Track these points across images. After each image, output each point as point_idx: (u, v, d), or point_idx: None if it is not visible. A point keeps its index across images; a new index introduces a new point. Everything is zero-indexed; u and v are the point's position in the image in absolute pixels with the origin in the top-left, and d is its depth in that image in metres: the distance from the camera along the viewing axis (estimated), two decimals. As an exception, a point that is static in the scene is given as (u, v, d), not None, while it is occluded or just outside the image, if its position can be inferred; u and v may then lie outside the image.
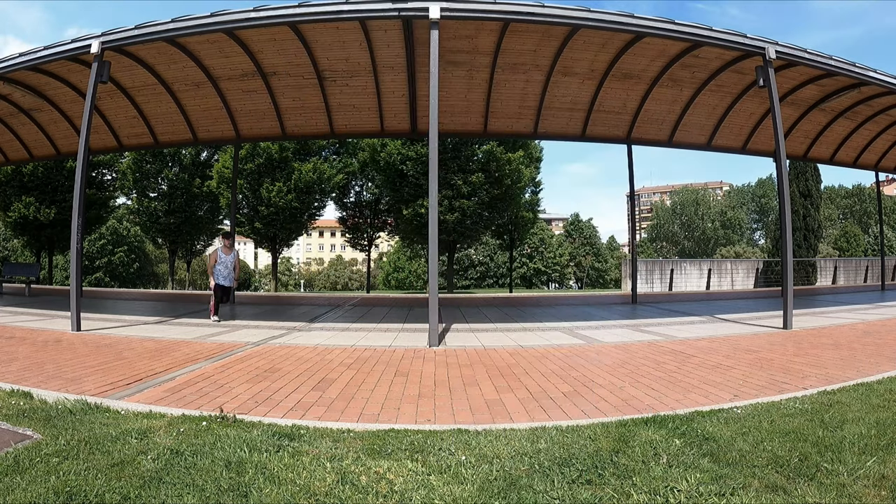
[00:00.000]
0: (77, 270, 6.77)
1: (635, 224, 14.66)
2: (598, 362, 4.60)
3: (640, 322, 7.80)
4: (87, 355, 4.75)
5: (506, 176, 23.55)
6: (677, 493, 1.94)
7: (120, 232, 45.08)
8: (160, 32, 6.74)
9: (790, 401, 3.20)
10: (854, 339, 5.75)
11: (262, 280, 52.16)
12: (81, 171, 6.75)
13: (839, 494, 1.91)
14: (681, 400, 3.34)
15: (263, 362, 4.57)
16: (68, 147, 11.57)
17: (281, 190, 24.04)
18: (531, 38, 8.13)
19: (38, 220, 22.40)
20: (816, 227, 25.31)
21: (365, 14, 6.54)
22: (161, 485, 1.98)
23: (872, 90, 9.26)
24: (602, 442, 2.50)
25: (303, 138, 16.99)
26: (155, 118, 10.54)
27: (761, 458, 2.26)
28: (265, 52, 8.50)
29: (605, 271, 59.99)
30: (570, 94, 9.80)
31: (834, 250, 39.42)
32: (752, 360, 4.61)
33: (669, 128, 10.81)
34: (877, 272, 21.75)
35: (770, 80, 6.99)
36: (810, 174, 25.06)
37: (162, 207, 26.82)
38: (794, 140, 11.79)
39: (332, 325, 7.38)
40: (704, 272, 21.37)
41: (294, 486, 2.01)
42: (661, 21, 6.76)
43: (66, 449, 2.31)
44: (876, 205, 21.31)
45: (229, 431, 2.62)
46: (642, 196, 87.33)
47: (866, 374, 3.92)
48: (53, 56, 7.19)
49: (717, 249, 56.73)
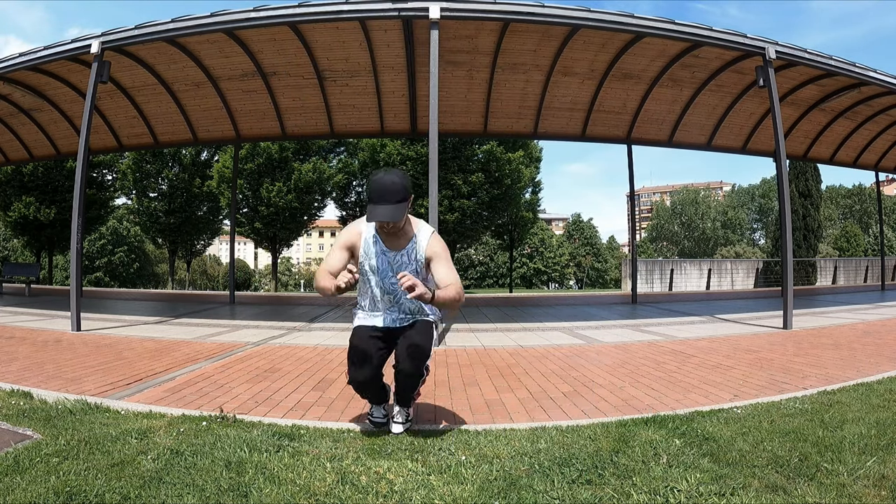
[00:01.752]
0: (77, 270, 6.77)
1: (635, 224, 14.66)
2: (598, 362, 4.60)
3: (641, 322, 7.80)
4: (87, 355, 4.75)
5: (506, 176, 23.57)
6: (677, 493, 1.94)
7: (120, 232, 45.10)
8: (160, 32, 6.74)
9: (790, 401, 3.20)
10: (854, 339, 5.75)
11: (262, 280, 52.16)
12: (81, 171, 6.74)
13: (839, 494, 1.91)
14: (681, 400, 3.34)
15: (263, 362, 4.57)
16: (68, 147, 11.56)
17: (281, 190, 24.07)
18: (531, 38, 8.13)
19: (38, 220, 22.42)
20: (816, 227, 25.33)
21: (365, 14, 6.55)
22: (161, 485, 1.98)
23: (872, 90, 9.26)
24: (602, 442, 2.50)
25: (303, 138, 16.99)
26: (155, 118, 10.53)
27: (761, 458, 2.26)
28: (265, 52, 8.50)
29: (605, 271, 60.02)
30: (570, 94, 9.79)
31: (834, 250, 39.43)
32: (752, 360, 4.61)
33: (669, 128, 10.81)
34: (877, 272, 21.75)
35: (770, 80, 6.99)
36: (810, 174, 25.08)
37: (162, 207, 26.83)
38: (794, 140, 11.79)
39: (332, 325, 7.38)
40: (704, 272, 21.38)
41: (294, 486, 2.01)
42: (661, 21, 6.76)
43: (66, 449, 2.31)
44: (876, 205, 21.30)
45: (229, 431, 2.62)
46: (642, 196, 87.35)
47: (866, 374, 3.92)
48: (53, 56, 7.19)
49: (717, 249, 56.75)
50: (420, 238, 2.56)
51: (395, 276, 2.45)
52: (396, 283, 2.42)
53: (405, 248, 2.54)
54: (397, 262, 2.55)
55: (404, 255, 2.55)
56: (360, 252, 2.56)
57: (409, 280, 2.19)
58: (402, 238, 2.54)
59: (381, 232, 2.53)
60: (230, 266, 12.16)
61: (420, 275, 2.51)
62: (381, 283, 2.57)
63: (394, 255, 2.55)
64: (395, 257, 2.55)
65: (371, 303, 2.65)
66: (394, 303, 2.62)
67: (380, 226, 2.48)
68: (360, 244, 2.56)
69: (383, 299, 2.61)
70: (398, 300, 2.60)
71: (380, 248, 2.55)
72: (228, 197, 23.30)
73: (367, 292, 2.64)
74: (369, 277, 2.58)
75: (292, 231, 26.60)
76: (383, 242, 2.55)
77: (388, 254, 2.55)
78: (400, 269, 2.49)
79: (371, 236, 2.55)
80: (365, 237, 2.56)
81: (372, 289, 2.60)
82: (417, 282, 2.21)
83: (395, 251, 2.55)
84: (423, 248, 2.55)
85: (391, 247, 2.55)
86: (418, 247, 2.55)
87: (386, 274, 2.55)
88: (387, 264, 2.55)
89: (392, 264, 2.55)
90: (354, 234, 2.58)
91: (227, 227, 29.18)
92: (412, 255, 2.55)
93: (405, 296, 2.43)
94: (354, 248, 2.57)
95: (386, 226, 2.44)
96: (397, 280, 2.32)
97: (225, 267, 53.13)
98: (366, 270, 2.58)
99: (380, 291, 2.59)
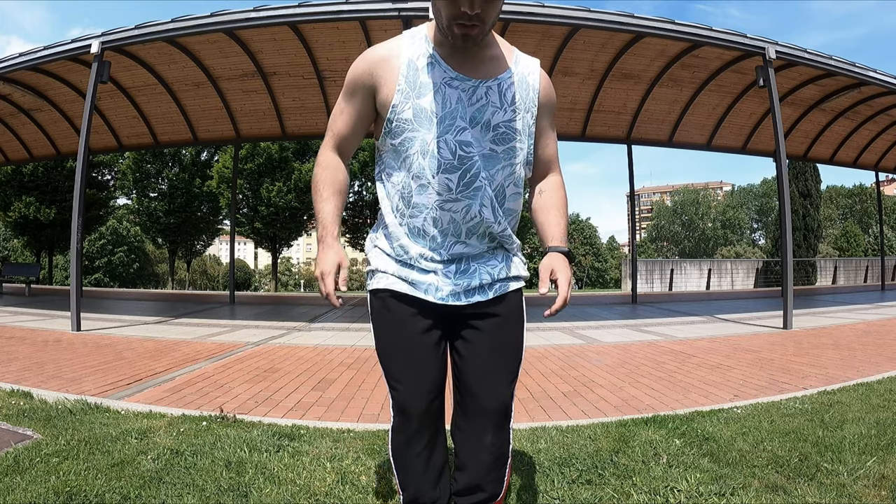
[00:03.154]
0: (77, 270, 6.77)
1: (635, 224, 14.68)
2: (598, 362, 4.60)
3: (640, 322, 7.80)
4: (87, 355, 4.75)
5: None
6: (677, 493, 1.94)
7: (120, 232, 45.08)
8: (160, 32, 6.74)
9: (790, 401, 3.20)
10: (854, 339, 5.74)
11: (262, 280, 52.17)
12: (81, 171, 6.74)
13: (839, 494, 1.91)
14: (681, 400, 3.34)
15: (263, 362, 4.57)
16: (68, 147, 11.57)
17: (281, 190, 24.07)
18: (531, 38, 8.13)
19: (38, 220, 22.42)
20: (816, 226, 25.34)
21: (365, 14, 6.55)
22: (161, 485, 1.98)
23: (872, 90, 9.26)
24: (602, 442, 2.50)
25: (303, 138, 17.00)
26: (155, 118, 10.53)
27: (761, 458, 2.26)
28: (265, 52, 8.50)
29: (605, 271, 59.97)
30: (570, 94, 9.80)
31: (834, 250, 39.44)
32: (752, 360, 4.61)
33: (669, 128, 10.81)
34: (877, 272, 21.75)
35: (770, 80, 6.99)
36: (810, 174, 25.09)
37: (162, 207, 26.82)
38: (794, 140, 11.79)
39: (332, 325, 7.38)
40: (704, 272, 21.38)
41: (294, 486, 2.01)
42: (661, 21, 6.76)
43: (66, 449, 2.31)
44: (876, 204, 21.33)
45: (229, 431, 2.62)
46: (642, 196, 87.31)
47: (866, 374, 3.92)
48: (53, 56, 7.19)
49: (718, 249, 56.74)
50: (523, 66, 1.30)
51: (475, 129, 1.22)
52: (477, 144, 1.22)
53: (496, 76, 1.25)
54: (479, 102, 1.23)
55: (493, 92, 1.24)
56: (391, 90, 1.22)
57: (558, 305, 1.27)
58: (487, 57, 1.25)
59: (454, 33, 1.15)
60: (230, 266, 12.16)
61: (521, 142, 1.28)
62: (446, 148, 1.20)
63: (472, 86, 1.22)
64: (473, 92, 1.22)
65: (408, 212, 1.27)
66: (462, 211, 1.24)
67: (452, 14, 1.12)
68: (390, 75, 1.23)
69: (442, 195, 1.23)
70: (474, 195, 1.23)
71: (442, 72, 1.22)
72: (228, 197, 23.30)
73: (402, 183, 1.26)
74: (412, 138, 1.22)
75: (292, 231, 26.62)
76: (448, 62, 1.22)
77: (462, 83, 1.22)
78: (478, 118, 1.22)
79: (424, 53, 1.23)
80: (408, 58, 1.23)
81: (416, 168, 1.23)
82: (566, 297, 1.27)
83: (474, 80, 1.22)
84: (537, 87, 1.30)
85: (468, 71, 1.23)
86: (526, 81, 1.29)
87: (453, 124, 1.21)
88: (456, 104, 1.21)
89: (469, 106, 1.22)
90: (378, 59, 1.25)
91: (227, 227, 29.19)
92: (510, 95, 1.25)
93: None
94: (377, 85, 1.24)
95: (469, 12, 1.10)
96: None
97: (225, 267, 53.15)
98: (405, 123, 1.22)
99: (436, 168, 1.21)
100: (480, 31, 1.15)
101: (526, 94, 1.28)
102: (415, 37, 1.27)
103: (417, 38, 1.27)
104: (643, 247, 62.16)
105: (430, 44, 1.24)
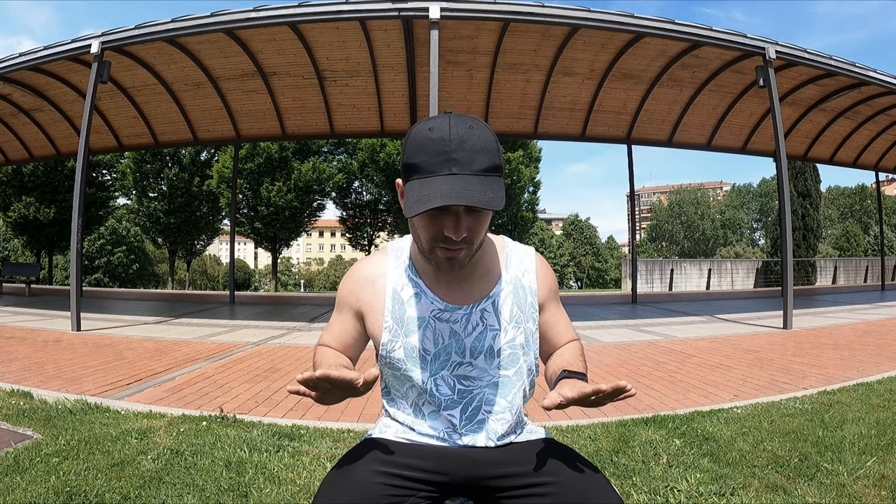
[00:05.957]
0: (77, 270, 6.77)
1: (635, 224, 14.69)
2: (597, 362, 4.60)
3: (640, 322, 7.80)
4: (87, 355, 4.75)
5: (505, 176, 23.59)
6: (677, 493, 1.94)
7: (120, 232, 45.06)
8: (160, 32, 6.74)
9: (790, 401, 3.20)
10: (854, 339, 5.75)
11: (262, 280, 52.17)
12: (81, 171, 6.74)
13: (839, 494, 1.91)
14: (681, 400, 3.34)
15: (263, 362, 4.57)
16: (68, 147, 11.57)
17: (281, 190, 24.06)
18: (531, 38, 8.13)
19: (38, 220, 22.42)
20: (816, 226, 25.32)
21: (365, 14, 6.56)
22: (161, 485, 1.98)
23: (872, 90, 9.26)
24: (602, 442, 2.50)
25: (303, 138, 16.99)
26: (155, 118, 10.53)
27: (761, 458, 2.26)
28: (265, 52, 8.50)
29: (605, 271, 59.96)
30: (570, 94, 9.80)
31: (834, 250, 39.44)
32: (752, 360, 4.61)
33: (669, 128, 10.82)
34: (877, 272, 21.74)
35: (770, 80, 6.99)
36: (809, 174, 25.06)
37: (162, 207, 26.81)
38: (794, 140, 11.79)
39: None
40: (704, 272, 21.38)
41: (294, 486, 2.01)
42: (661, 21, 6.76)
43: (66, 449, 2.31)
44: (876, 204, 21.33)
45: (229, 431, 2.62)
46: (642, 196, 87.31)
47: (866, 374, 3.92)
48: (53, 56, 7.19)
49: (717, 249, 56.75)
50: (515, 267, 1.17)
51: (468, 358, 1.11)
52: (484, 374, 1.14)
53: (488, 294, 1.12)
54: (476, 330, 1.11)
55: (488, 313, 1.12)
56: (378, 324, 1.14)
57: (554, 399, 1.04)
58: (477, 275, 1.13)
59: (437, 257, 1.01)
60: (230, 266, 12.16)
61: (528, 354, 1.20)
62: (444, 385, 1.11)
63: (465, 314, 1.10)
64: (468, 321, 1.10)
65: (414, 408, 1.15)
66: (470, 443, 1.12)
67: (433, 236, 0.98)
68: (375, 303, 1.14)
69: (448, 429, 1.12)
70: (478, 429, 1.14)
71: (429, 304, 1.11)
72: (228, 197, 23.29)
73: (405, 412, 1.17)
74: (408, 373, 1.12)
75: (292, 231, 26.61)
76: (434, 290, 1.11)
77: (453, 314, 1.10)
78: (479, 348, 1.11)
79: (408, 282, 1.13)
80: (392, 287, 1.13)
81: (418, 401, 1.15)
82: (572, 391, 1.05)
83: (466, 307, 1.11)
84: (535, 288, 1.17)
85: (457, 298, 1.11)
86: (522, 286, 1.16)
87: (448, 360, 1.10)
88: (449, 339, 1.10)
89: (465, 337, 1.11)
90: (363, 281, 1.16)
91: (227, 227, 29.18)
92: (506, 311, 1.13)
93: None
94: (363, 311, 1.17)
95: (455, 238, 0.96)
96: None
97: (225, 267, 53.14)
98: (397, 361, 1.12)
99: (437, 405, 1.12)
100: (468, 254, 1.01)
101: (525, 300, 1.15)
102: (399, 258, 1.16)
103: (402, 259, 1.15)
104: (643, 247, 62.18)
105: (414, 268, 1.13)
